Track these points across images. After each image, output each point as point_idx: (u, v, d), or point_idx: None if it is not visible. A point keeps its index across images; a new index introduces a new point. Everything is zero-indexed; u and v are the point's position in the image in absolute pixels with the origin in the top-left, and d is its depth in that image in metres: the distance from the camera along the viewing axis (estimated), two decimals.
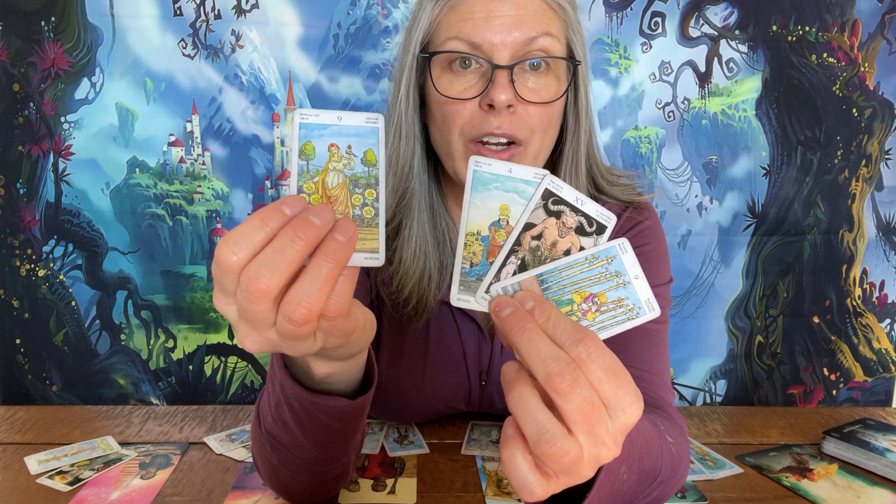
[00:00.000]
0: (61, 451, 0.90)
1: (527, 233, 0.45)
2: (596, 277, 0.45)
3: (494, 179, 0.45)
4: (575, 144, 0.80)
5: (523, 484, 0.41)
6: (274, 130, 1.38)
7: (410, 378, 0.90)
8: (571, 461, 0.39)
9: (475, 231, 0.46)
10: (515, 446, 0.41)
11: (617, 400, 0.40)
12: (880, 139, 1.43)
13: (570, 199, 0.45)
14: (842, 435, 0.94)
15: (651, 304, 0.45)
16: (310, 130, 0.44)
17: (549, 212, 0.45)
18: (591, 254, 0.45)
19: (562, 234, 0.45)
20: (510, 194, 0.46)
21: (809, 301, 1.49)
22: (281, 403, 0.58)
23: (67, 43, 1.31)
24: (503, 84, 0.68)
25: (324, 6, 1.33)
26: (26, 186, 1.37)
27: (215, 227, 1.41)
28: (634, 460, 0.55)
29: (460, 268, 0.46)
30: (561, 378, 0.38)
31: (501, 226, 0.46)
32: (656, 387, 0.78)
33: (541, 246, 0.45)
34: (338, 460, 0.65)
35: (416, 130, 0.79)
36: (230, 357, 1.47)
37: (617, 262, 0.45)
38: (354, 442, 0.65)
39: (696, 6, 1.36)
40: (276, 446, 0.63)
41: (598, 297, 0.45)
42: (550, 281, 0.45)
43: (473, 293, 0.46)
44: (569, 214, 0.45)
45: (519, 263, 0.45)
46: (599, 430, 0.39)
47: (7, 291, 1.41)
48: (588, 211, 0.45)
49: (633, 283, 0.45)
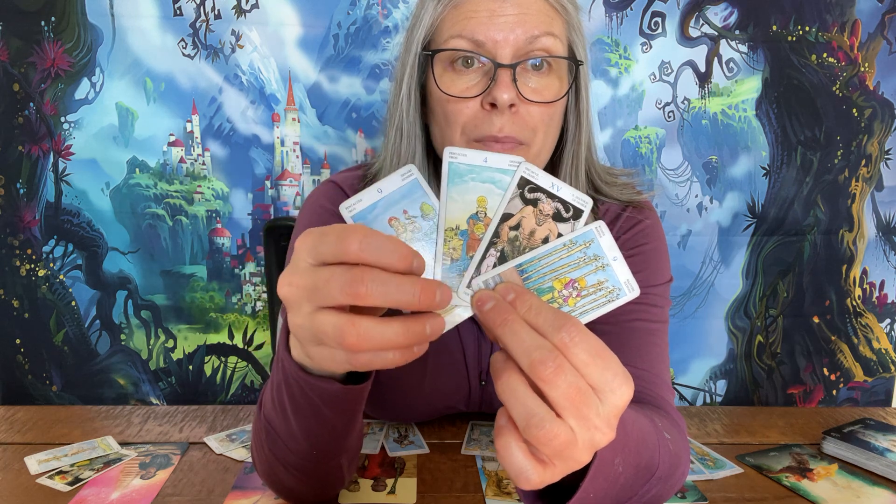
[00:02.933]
0: (61, 451, 0.90)
1: (504, 224, 0.45)
2: (575, 263, 0.45)
3: (470, 170, 0.45)
4: (575, 146, 0.80)
5: (519, 471, 0.41)
6: (274, 130, 1.38)
7: (410, 378, 0.90)
8: (562, 444, 0.39)
9: (454, 226, 0.46)
10: (509, 434, 0.41)
11: (605, 382, 0.40)
12: (880, 139, 1.43)
13: (545, 186, 0.45)
14: (842, 435, 0.94)
15: (630, 284, 0.45)
16: (365, 215, 0.45)
17: (525, 200, 0.45)
18: (569, 239, 0.45)
19: (539, 223, 0.45)
20: (486, 185, 0.45)
21: (809, 301, 1.49)
22: (281, 384, 0.58)
23: (67, 43, 1.31)
24: (506, 83, 0.68)
25: (324, 6, 1.33)
26: (26, 186, 1.37)
27: (215, 227, 1.41)
28: (630, 453, 0.55)
29: (441, 264, 0.46)
30: (544, 366, 0.39)
31: (480, 218, 0.46)
32: (656, 386, 0.78)
33: (519, 236, 0.45)
34: (328, 459, 0.65)
35: (418, 129, 0.79)
36: (230, 357, 1.47)
37: (595, 246, 0.45)
38: (346, 443, 0.65)
39: (696, 6, 1.36)
40: (271, 435, 0.64)
41: (578, 283, 0.45)
42: (530, 270, 0.45)
43: (455, 290, 0.46)
44: (545, 202, 0.45)
45: (499, 255, 0.45)
46: (589, 414, 0.39)
47: (7, 291, 1.41)
48: (564, 196, 0.45)
49: (612, 265, 0.45)
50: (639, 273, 0.82)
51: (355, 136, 1.39)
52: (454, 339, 0.89)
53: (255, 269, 1.44)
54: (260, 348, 1.47)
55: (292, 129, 1.38)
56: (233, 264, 1.43)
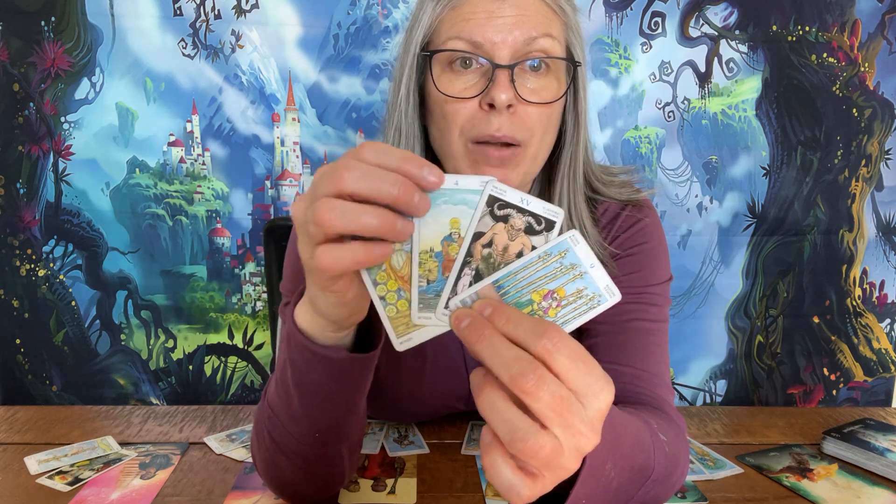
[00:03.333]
0: (61, 451, 0.90)
1: (477, 242, 0.45)
2: (552, 273, 0.45)
3: (441, 194, 0.45)
4: (573, 147, 0.80)
5: (509, 487, 0.41)
6: (274, 130, 1.38)
7: (410, 378, 0.90)
8: (549, 455, 0.39)
9: (428, 248, 0.46)
10: (494, 452, 0.41)
11: (587, 387, 0.40)
12: (880, 139, 1.43)
13: (514, 201, 0.45)
14: (842, 435, 0.94)
15: (611, 289, 0.44)
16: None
17: (495, 217, 0.45)
18: (544, 251, 0.45)
19: (511, 238, 0.45)
20: (459, 206, 0.45)
21: (809, 301, 1.49)
22: (286, 364, 0.58)
23: (67, 43, 1.31)
24: (504, 83, 0.68)
25: (324, 6, 1.33)
26: (26, 186, 1.37)
27: (215, 226, 1.41)
28: (622, 457, 0.55)
29: (417, 286, 0.46)
30: (525, 378, 0.38)
31: (454, 239, 0.46)
32: (656, 387, 0.78)
33: (492, 253, 0.45)
34: (329, 444, 0.65)
35: (416, 130, 0.79)
36: (230, 357, 1.47)
37: (571, 255, 0.44)
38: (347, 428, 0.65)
39: (696, 6, 1.36)
40: (273, 420, 0.64)
41: (557, 293, 0.45)
42: (507, 286, 0.45)
43: (433, 310, 0.46)
44: (516, 217, 0.45)
45: (474, 274, 0.45)
46: (574, 421, 0.39)
47: (7, 291, 1.42)
48: (534, 209, 0.45)
49: (590, 272, 0.44)
50: (638, 272, 0.83)
51: (355, 136, 1.39)
52: (454, 340, 0.89)
53: (255, 269, 1.44)
54: (260, 348, 1.47)
55: (292, 129, 1.38)
56: (233, 264, 1.43)
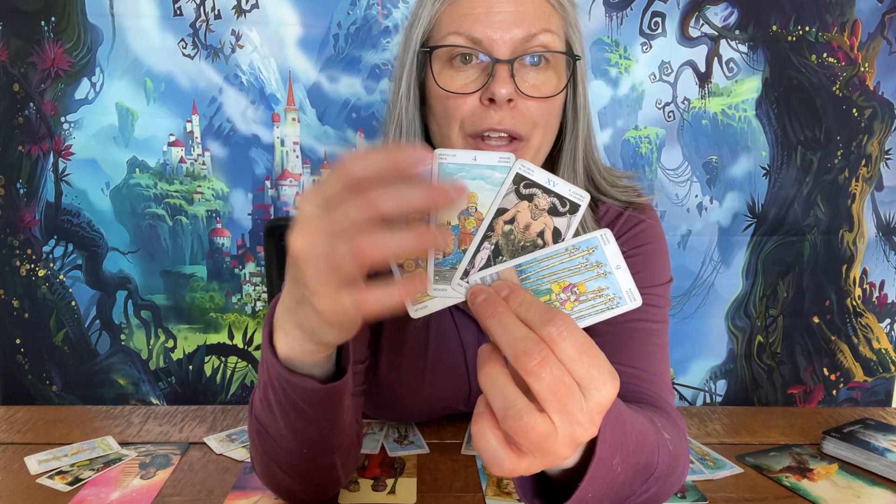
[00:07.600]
0: (61, 451, 0.90)
1: (499, 218, 0.46)
2: (576, 268, 0.45)
3: (460, 169, 0.45)
4: (573, 142, 0.80)
5: (492, 457, 0.41)
6: (274, 130, 1.38)
7: (410, 379, 0.90)
8: (541, 437, 0.39)
9: (445, 221, 0.46)
10: (485, 421, 0.41)
11: (591, 378, 0.40)
12: (880, 139, 1.43)
13: (541, 182, 0.46)
14: (842, 435, 0.94)
15: (632, 293, 0.45)
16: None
17: (520, 195, 0.46)
18: (572, 244, 0.45)
19: (534, 217, 0.46)
20: (476, 181, 0.46)
21: (809, 301, 1.49)
22: (267, 384, 0.58)
23: (67, 43, 1.31)
24: (504, 78, 0.69)
25: (324, 6, 1.33)
26: (26, 186, 1.37)
27: (215, 227, 1.41)
28: (629, 453, 0.55)
29: (433, 258, 0.46)
30: (529, 357, 0.39)
31: (470, 213, 0.46)
32: (656, 387, 0.78)
33: (514, 230, 0.46)
34: (320, 457, 0.65)
35: (417, 127, 0.79)
36: (230, 357, 1.47)
37: (598, 253, 0.45)
38: (335, 441, 0.65)
39: (696, 6, 1.36)
40: (262, 435, 0.64)
41: (578, 287, 0.45)
42: (529, 271, 0.45)
43: (448, 282, 0.46)
44: (541, 196, 0.46)
45: (493, 249, 0.46)
46: (573, 409, 0.39)
47: (7, 291, 1.41)
48: (560, 191, 0.46)
49: (615, 273, 0.45)
50: (639, 273, 0.83)
51: (355, 136, 1.39)
52: (454, 340, 0.89)
53: (255, 269, 1.44)
54: (260, 348, 1.47)
55: (292, 129, 1.38)
56: (233, 264, 1.43)
